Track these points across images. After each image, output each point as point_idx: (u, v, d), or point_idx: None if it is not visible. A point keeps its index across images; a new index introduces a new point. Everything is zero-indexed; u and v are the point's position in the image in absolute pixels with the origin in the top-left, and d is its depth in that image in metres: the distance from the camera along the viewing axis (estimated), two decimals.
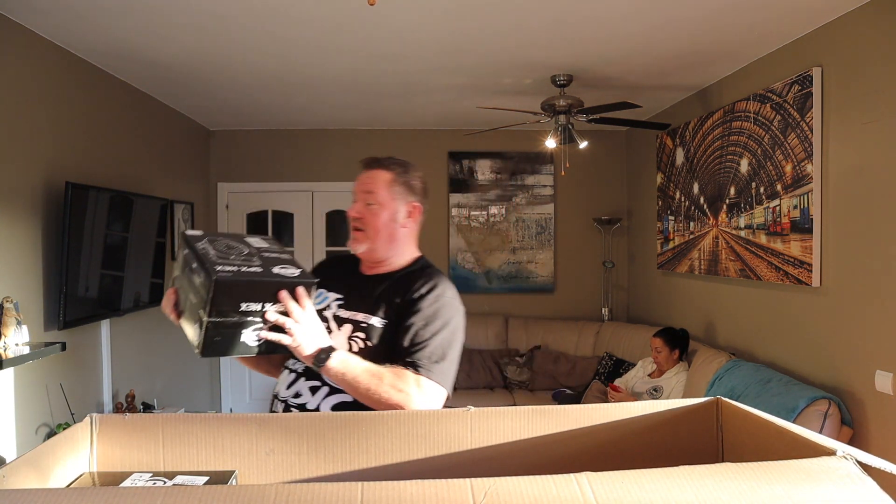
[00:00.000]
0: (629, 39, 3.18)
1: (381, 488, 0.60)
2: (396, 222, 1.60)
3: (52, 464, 0.87)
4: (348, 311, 1.57)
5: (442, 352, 1.47)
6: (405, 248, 1.65)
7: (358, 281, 1.64)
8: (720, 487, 0.60)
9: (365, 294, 1.60)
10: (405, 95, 4.35)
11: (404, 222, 1.62)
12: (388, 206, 1.59)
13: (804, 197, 3.07)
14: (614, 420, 0.97)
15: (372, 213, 1.58)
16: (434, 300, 1.52)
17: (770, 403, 2.83)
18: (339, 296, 1.62)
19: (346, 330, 1.54)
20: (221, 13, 2.78)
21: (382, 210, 1.59)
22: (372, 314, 1.55)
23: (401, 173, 1.62)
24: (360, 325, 1.54)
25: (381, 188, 1.59)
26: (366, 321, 1.54)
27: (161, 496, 0.60)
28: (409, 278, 1.59)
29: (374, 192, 1.58)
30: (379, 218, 1.59)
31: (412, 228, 1.65)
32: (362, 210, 1.59)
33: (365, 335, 1.52)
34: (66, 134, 3.25)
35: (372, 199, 1.58)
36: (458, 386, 4.93)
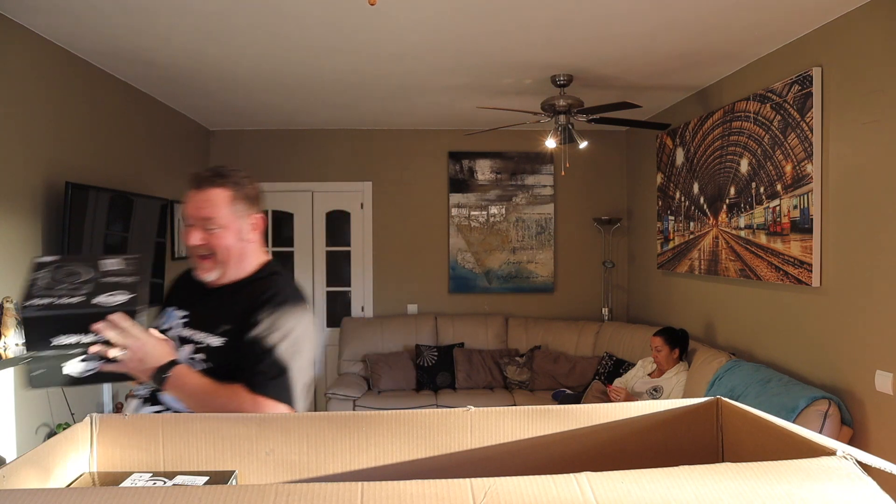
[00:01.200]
0: (629, 39, 3.18)
1: (381, 488, 0.60)
2: (243, 241, 1.51)
3: (52, 464, 0.87)
4: (190, 330, 1.50)
5: (280, 367, 1.40)
6: (252, 258, 1.56)
7: (202, 296, 1.54)
8: (720, 487, 0.60)
9: (208, 310, 1.52)
10: (405, 95, 4.35)
11: (250, 237, 1.53)
12: (231, 226, 1.47)
13: (804, 197, 3.07)
14: (614, 420, 0.97)
15: (216, 237, 1.46)
16: (272, 311, 1.44)
17: (770, 403, 2.83)
18: (185, 313, 1.54)
19: (187, 350, 1.47)
20: (221, 13, 2.78)
21: (227, 232, 1.47)
22: (212, 332, 1.47)
23: (239, 188, 1.50)
24: (199, 345, 1.47)
25: (222, 209, 1.46)
26: (203, 341, 1.47)
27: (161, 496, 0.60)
28: (251, 289, 1.50)
29: (213, 216, 1.45)
30: (225, 241, 1.47)
31: (257, 239, 1.56)
32: (205, 237, 1.46)
33: (205, 355, 1.45)
34: (67, 134, 3.25)
35: (213, 224, 1.45)
36: (458, 386, 4.94)
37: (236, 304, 1.48)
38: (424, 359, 5.07)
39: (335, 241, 5.62)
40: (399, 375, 5.00)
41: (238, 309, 1.46)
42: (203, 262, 1.49)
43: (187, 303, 1.56)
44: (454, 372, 5.02)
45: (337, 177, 5.55)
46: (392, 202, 5.59)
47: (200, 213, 1.45)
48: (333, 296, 5.62)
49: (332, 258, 5.62)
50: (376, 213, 5.58)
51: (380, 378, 4.96)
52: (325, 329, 5.59)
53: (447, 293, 5.63)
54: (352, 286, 5.62)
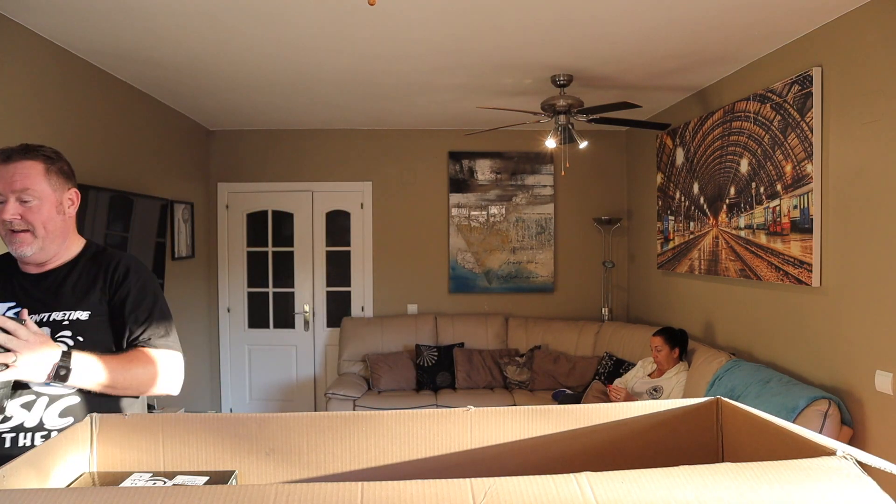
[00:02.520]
0: (629, 39, 3.18)
1: (381, 488, 0.60)
2: (62, 214, 1.49)
3: (53, 464, 0.87)
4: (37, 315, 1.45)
5: (166, 322, 1.54)
6: (72, 238, 1.56)
7: (28, 283, 1.50)
8: (720, 487, 0.60)
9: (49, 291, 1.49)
10: (405, 95, 4.35)
11: (69, 212, 1.52)
12: (49, 198, 1.45)
13: (804, 197, 3.07)
14: (614, 420, 0.97)
15: (34, 210, 1.43)
16: (136, 277, 1.53)
17: (770, 403, 2.83)
18: (11, 304, 1.48)
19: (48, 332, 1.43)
20: (221, 13, 2.78)
21: (44, 204, 1.44)
22: (70, 309, 1.47)
23: (51, 160, 1.48)
24: (62, 323, 1.45)
25: (38, 181, 1.43)
26: (66, 317, 1.46)
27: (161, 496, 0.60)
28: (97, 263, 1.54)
29: (29, 187, 1.41)
30: (42, 214, 1.44)
31: (73, 217, 1.55)
32: (20, 209, 1.42)
33: (71, 332, 1.44)
34: (66, 134, 3.25)
35: (29, 195, 1.42)
36: (458, 386, 4.94)
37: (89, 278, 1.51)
38: (424, 359, 5.08)
39: (335, 241, 5.62)
40: (399, 375, 5.00)
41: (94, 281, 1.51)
42: (19, 236, 1.43)
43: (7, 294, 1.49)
44: (454, 372, 5.02)
45: (337, 177, 5.55)
46: (392, 202, 5.59)
47: (14, 185, 1.40)
48: (333, 296, 5.62)
49: (332, 258, 5.62)
50: (376, 213, 5.58)
51: (380, 378, 4.96)
52: (326, 329, 5.59)
53: (447, 293, 5.63)
54: (352, 286, 5.62)
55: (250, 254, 5.59)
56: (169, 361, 1.51)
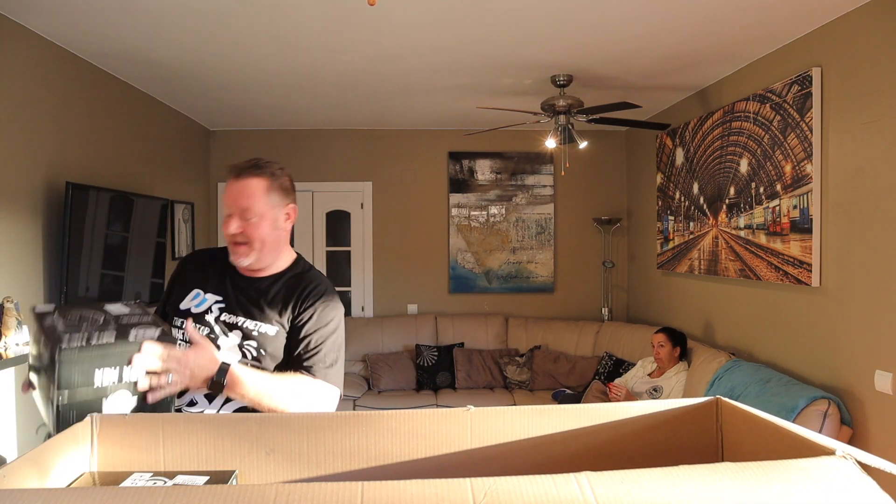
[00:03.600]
0: (629, 39, 3.18)
1: (381, 488, 0.60)
2: (278, 230, 1.55)
3: (53, 463, 0.87)
4: (233, 316, 1.53)
5: (335, 355, 1.52)
6: (286, 247, 1.62)
7: (239, 283, 1.58)
8: (720, 487, 0.60)
9: (251, 298, 1.55)
10: (405, 95, 4.35)
11: (284, 226, 1.57)
12: (267, 215, 1.52)
13: (804, 197, 3.07)
14: (614, 420, 0.97)
15: (253, 226, 1.50)
16: (324, 305, 1.54)
17: (770, 403, 2.84)
18: (219, 297, 1.56)
19: (236, 337, 1.51)
20: (222, 13, 2.78)
21: (263, 221, 1.51)
22: (262, 321, 1.52)
23: (275, 177, 1.54)
24: (251, 332, 1.51)
25: (259, 198, 1.50)
26: (256, 329, 1.51)
27: (161, 496, 0.60)
28: (297, 282, 1.57)
29: (251, 205, 1.49)
30: (261, 230, 1.51)
31: (289, 230, 1.61)
32: (242, 225, 1.50)
33: (257, 343, 1.50)
34: (67, 134, 3.25)
35: (251, 213, 1.49)
36: (458, 386, 4.94)
37: (285, 297, 1.54)
38: (424, 359, 5.08)
39: (335, 241, 5.62)
40: (399, 375, 5.00)
41: (287, 299, 1.54)
42: (239, 248, 1.52)
43: (219, 288, 1.57)
44: (454, 372, 5.02)
45: (337, 177, 5.55)
46: (392, 202, 5.59)
47: (238, 202, 1.49)
48: None
49: (332, 258, 5.62)
50: (376, 213, 5.58)
51: (380, 378, 4.96)
52: None
53: (447, 293, 5.63)
54: (352, 286, 5.62)
55: None
56: (322, 394, 1.49)
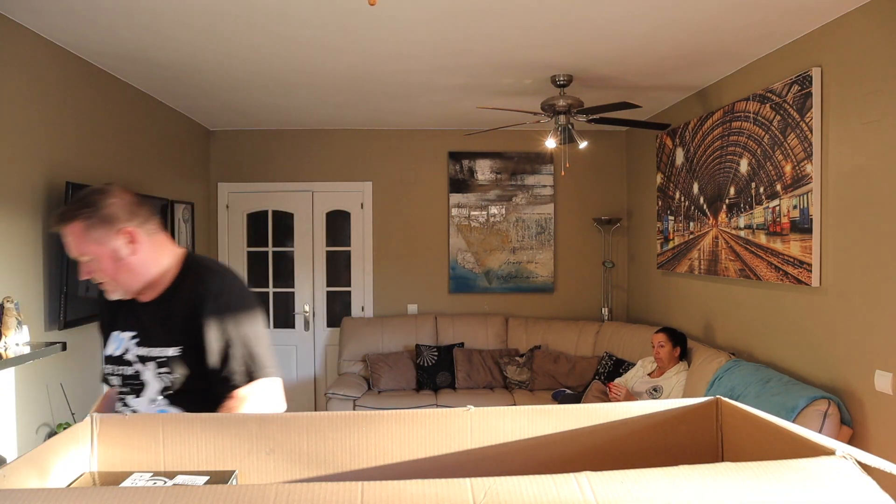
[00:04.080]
0: (629, 39, 3.18)
1: (381, 488, 0.60)
2: (122, 259, 1.48)
3: (53, 463, 0.87)
4: (146, 347, 1.52)
5: (251, 350, 1.48)
6: (157, 263, 1.53)
7: (141, 311, 1.56)
8: (720, 487, 0.60)
9: (153, 325, 1.53)
10: (405, 95, 4.35)
11: (130, 251, 1.48)
12: (100, 252, 1.46)
13: (804, 197, 3.07)
14: (614, 420, 0.97)
15: (93, 266, 1.48)
16: (216, 305, 1.48)
17: (770, 403, 2.84)
18: (133, 333, 1.55)
19: (153, 367, 1.50)
20: (222, 13, 2.78)
21: (100, 260, 1.47)
22: (166, 346, 1.50)
23: (88, 215, 1.45)
24: (160, 359, 1.50)
25: (82, 242, 1.46)
26: (162, 354, 1.50)
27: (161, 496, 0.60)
28: (181, 291, 1.52)
29: (81, 250, 1.46)
30: (103, 267, 1.47)
31: (145, 247, 1.51)
32: (89, 268, 1.48)
33: (168, 369, 1.49)
34: (67, 134, 3.25)
35: (84, 256, 1.46)
36: (458, 386, 4.94)
37: (176, 312, 1.51)
38: (424, 359, 5.08)
39: (335, 241, 5.62)
40: (399, 375, 5.00)
41: (179, 316, 1.50)
42: (103, 287, 1.52)
43: (130, 322, 1.56)
44: (454, 372, 5.02)
45: (337, 177, 5.55)
46: (392, 202, 5.59)
47: (70, 251, 1.48)
48: (333, 296, 5.62)
49: (332, 258, 5.62)
50: (376, 213, 5.58)
51: (380, 378, 4.96)
52: (326, 329, 5.59)
53: (447, 293, 5.63)
54: (352, 286, 5.62)
55: (250, 254, 5.59)
56: (259, 397, 1.46)
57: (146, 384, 1.51)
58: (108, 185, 1.54)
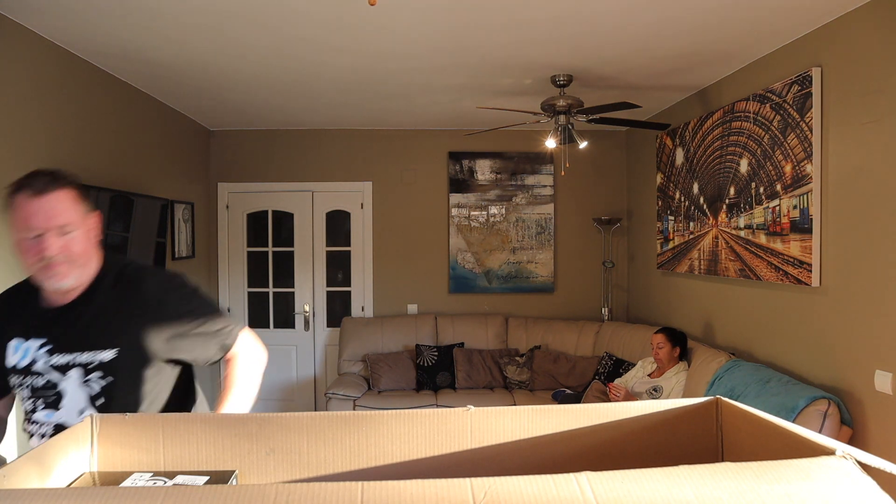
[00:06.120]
0: (629, 39, 3.18)
1: (381, 488, 0.60)
2: (91, 241, 1.42)
3: (53, 463, 0.87)
4: (64, 355, 1.39)
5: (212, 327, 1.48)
6: (94, 260, 1.46)
7: (55, 316, 1.42)
8: (720, 487, 0.60)
9: (75, 327, 1.40)
10: (405, 95, 4.35)
11: (96, 236, 1.43)
12: (83, 227, 1.38)
13: (804, 197, 3.07)
14: (614, 420, 0.97)
15: (74, 241, 1.36)
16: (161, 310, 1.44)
17: (770, 403, 2.83)
18: (42, 340, 1.41)
19: (77, 376, 1.39)
20: (222, 13, 2.78)
21: (82, 234, 1.38)
22: (97, 349, 1.39)
23: (76, 186, 1.39)
24: (90, 365, 1.39)
25: (75, 210, 1.36)
26: (94, 358, 1.39)
27: (161, 496, 0.60)
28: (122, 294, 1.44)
29: (70, 219, 1.34)
30: (82, 243, 1.38)
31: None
32: (63, 242, 1.34)
33: (102, 373, 1.39)
34: (66, 134, 3.25)
35: (70, 227, 1.34)
36: (458, 386, 4.94)
37: (114, 310, 1.41)
38: (424, 359, 5.08)
39: (335, 241, 5.62)
40: (399, 375, 5.00)
41: (116, 314, 1.41)
42: (58, 268, 1.35)
43: (37, 329, 1.41)
44: (454, 372, 5.02)
45: (337, 177, 5.55)
46: (392, 202, 5.59)
47: (53, 219, 1.32)
48: (333, 296, 5.62)
49: (332, 258, 5.62)
50: (376, 213, 5.58)
51: (380, 378, 4.96)
52: (326, 329, 5.59)
53: (447, 293, 5.63)
54: (352, 286, 5.62)
55: (250, 254, 5.59)
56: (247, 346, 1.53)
57: (64, 394, 1.40)
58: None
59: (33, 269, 1.36)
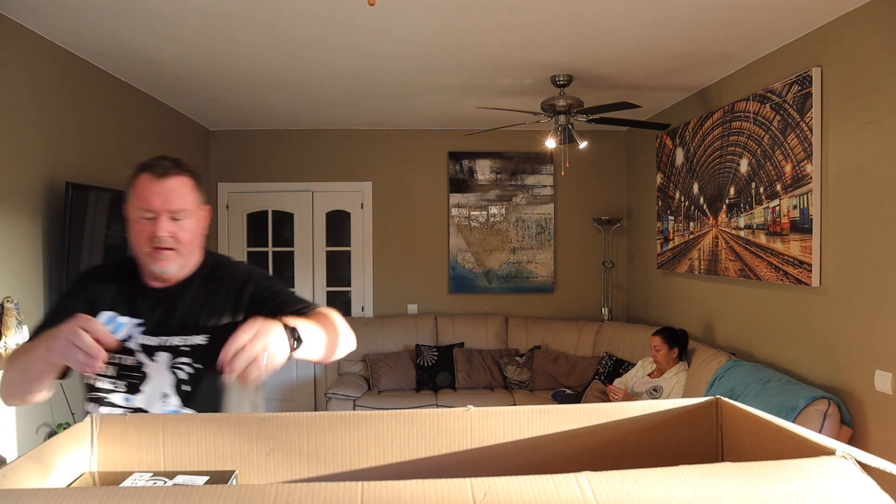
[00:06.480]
0: (629, 39, 3.18)
1: (381, 488, 0.60)
2: (201, 231, 1.45)
3: (53, 463, 0.87)
4: (156, 337, 1.39)
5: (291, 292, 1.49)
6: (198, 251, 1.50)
7: (153, 298, 1.43)
8: (720, 487, 0.60)
9: (170, 312, 1.42)
10: (405, 95, 4.35)
11: (205, 226, 1.47)
12: (196, 215, 1.42)
13: (804, 197, 3.07)
14: (614, 420, 0.97)
15: (184, 228, 1.39)
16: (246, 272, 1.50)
17: (770, 403, 2.84)
18: (138, 320, 1.41)
19: (164, 359, 1.38)
20: (222, 13, 2.78)
21: (194, 222, 1.41)
22: (189, 334, 1.39)
23: (196, 176, 1.44)
24: (180, 349, 1.39)
25: (191, 198, 1.40)
26: (185, 343, 1.39)
27: (161, 496, 0.60)
28: (216, 280, 1.47)
29: (184, 205, 1.38)
30: (192, 232, 1.41)
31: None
32: (174, 227, 1.37)
33: (191, 359, 1.38)
34: (67, 134, 3.25)
35: (183, 214, 1.38)
36: (458, 386, 4.94)
37: (208, 296, 1.44)
38: (424, 359, 5.08)
39: (335, 241, 5.62)
40: (399, 375, 5.00)
41: (210, 300, 1.43)
42: (165, 253, 1.37)
43: (134, 308, 1.42)
44: (454, 372, 5.02)
45: (337, 177, 5.55)
46: (392, 202, 5.59)
47: (170, 203, 1.36)
48: (333, 296, 5.62)
49: (332, 258, 5.62)
50: (376, 213, 5.58)
51: (380, 378, 4.96)
52: None
53: (447, 293, 5.63)
54: (352, 286, 5.62)
55: (250, 254, 5.59)
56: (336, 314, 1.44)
57: (148, 378, 1.39)
58: None
59: (142, 249, 1.38)
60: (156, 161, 1.39)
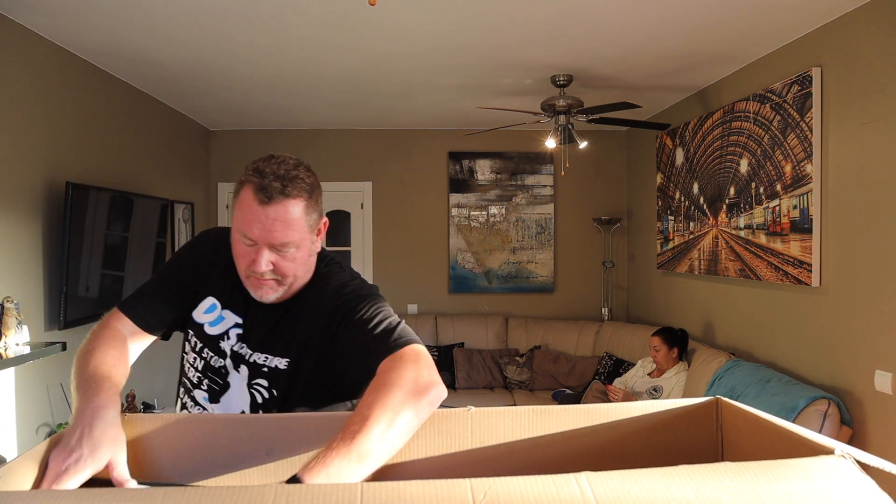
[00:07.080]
0: (629, 39, 3.18)
1: (381, 489, 0.60)
2: (313, 256, 1.23)
3: None
4: (245, 346, 1.23)
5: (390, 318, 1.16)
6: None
7: (257, 304, 1.23)
8: (720, 486, 0.60)
9: (266, 324, 1.24)
10: (405, 95, 4.35)
11: (317, 247, 1.25)
12: (305, 243, 1.18)
13: (804, 197, 3.07)
14: (614, 420, 0.97)
15: (289, 259, 1.17)
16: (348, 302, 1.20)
17: (770, 403, 2.84)
18: (238, 320, 1.25)
19: (244, 375, 1.22)
20: (221, 13, 2.78)
21: (301, 252, 1.18)
22: (273, 354, 1.22)
23: (311, 192, 1.20)
24: (261, 368, 1.21)
25: (299, 227, 1.15)
26: (266, 363, 1.21)
27: (161, 496, 0.60)
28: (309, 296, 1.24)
29: (290, 238, 1.14)
30: (298, 262, 1.18)
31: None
32: (276, 260, 1.16)
33: (268, 382, 1.21)
34: (67, 134, 3.25)
35: (289, 246, 1.15)
36: (458, 386, 4.94)
37: (301, 319, 1.22)
38: None
39: (335, 241, 5.62)
40: None
41: (299, 320, 1.23)
42: (267, 283, 1.18)
43: (238, 306, 1.25)
44: (454, 372, 5.02)
45: (337, 177, 5.55)
46: (392, 202, 5.59)
47: (273, 235, 1.12)
48: None
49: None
50: (376, 213, 5.58)
51: None
52: None
53: (447, 293, 5.63)
54: None
55: None
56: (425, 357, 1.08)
57: (229, 388, 1.23)
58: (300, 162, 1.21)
59: (241, 272, 1.20)
60: (264, 175, 1.15)
